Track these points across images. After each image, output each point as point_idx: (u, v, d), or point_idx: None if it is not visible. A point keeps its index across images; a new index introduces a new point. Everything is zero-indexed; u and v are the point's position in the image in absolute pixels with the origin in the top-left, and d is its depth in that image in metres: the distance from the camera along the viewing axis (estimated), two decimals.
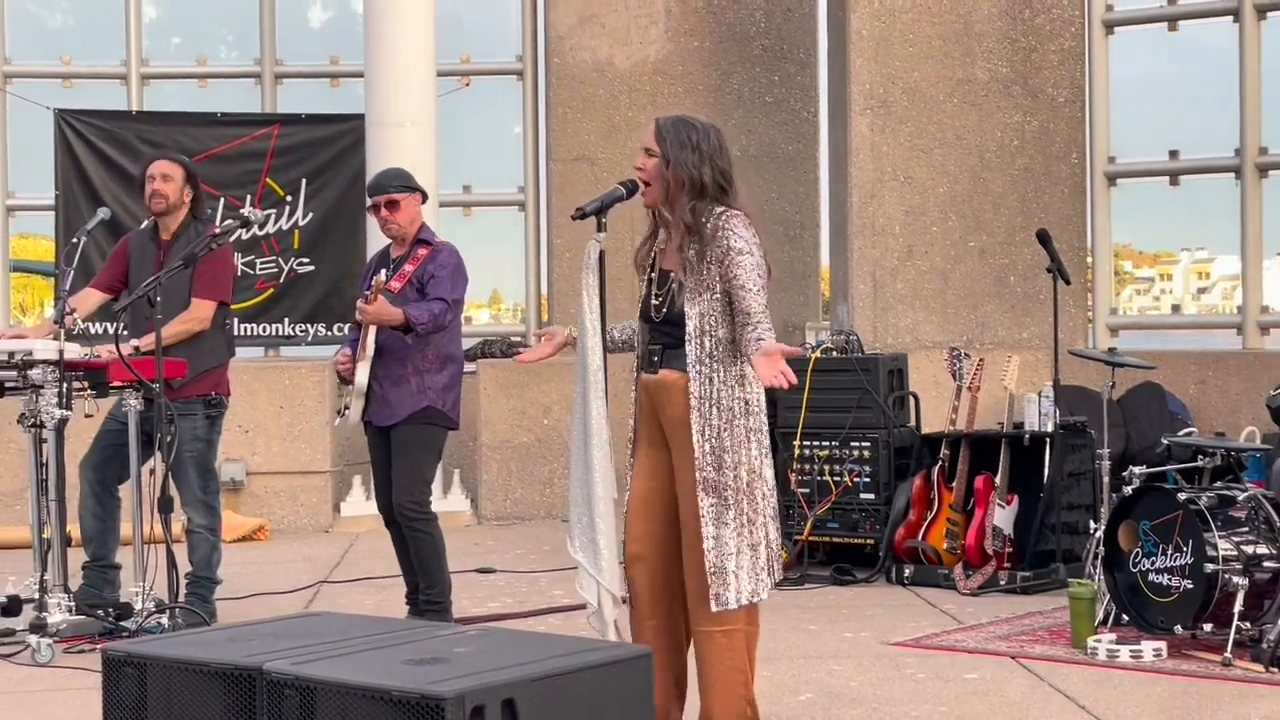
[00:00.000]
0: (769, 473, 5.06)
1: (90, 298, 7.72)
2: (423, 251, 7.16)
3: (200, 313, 7.47)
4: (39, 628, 6.84)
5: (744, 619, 5.02)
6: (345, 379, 7.11)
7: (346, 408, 7.10)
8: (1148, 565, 6.63)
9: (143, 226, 7.72)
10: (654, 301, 5.09)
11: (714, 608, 4.94)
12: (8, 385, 7.11)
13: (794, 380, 4.73)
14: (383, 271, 7.04)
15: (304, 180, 12.27)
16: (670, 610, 5.17)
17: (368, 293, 6.92)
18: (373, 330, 7.00)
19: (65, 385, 6.94)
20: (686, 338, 4.97)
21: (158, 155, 8.00)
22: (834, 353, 9.07)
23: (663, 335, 5.09)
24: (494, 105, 12.95)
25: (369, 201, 7.29)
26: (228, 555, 7.86)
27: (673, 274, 5.05)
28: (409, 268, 7.11)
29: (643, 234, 5.23)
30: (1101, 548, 6.85)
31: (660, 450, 5.13)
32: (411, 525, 7.05)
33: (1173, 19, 11.24)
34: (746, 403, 4.98)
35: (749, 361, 4.89)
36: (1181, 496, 6.55)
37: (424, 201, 7.34)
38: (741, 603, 4.95)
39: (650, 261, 5.17)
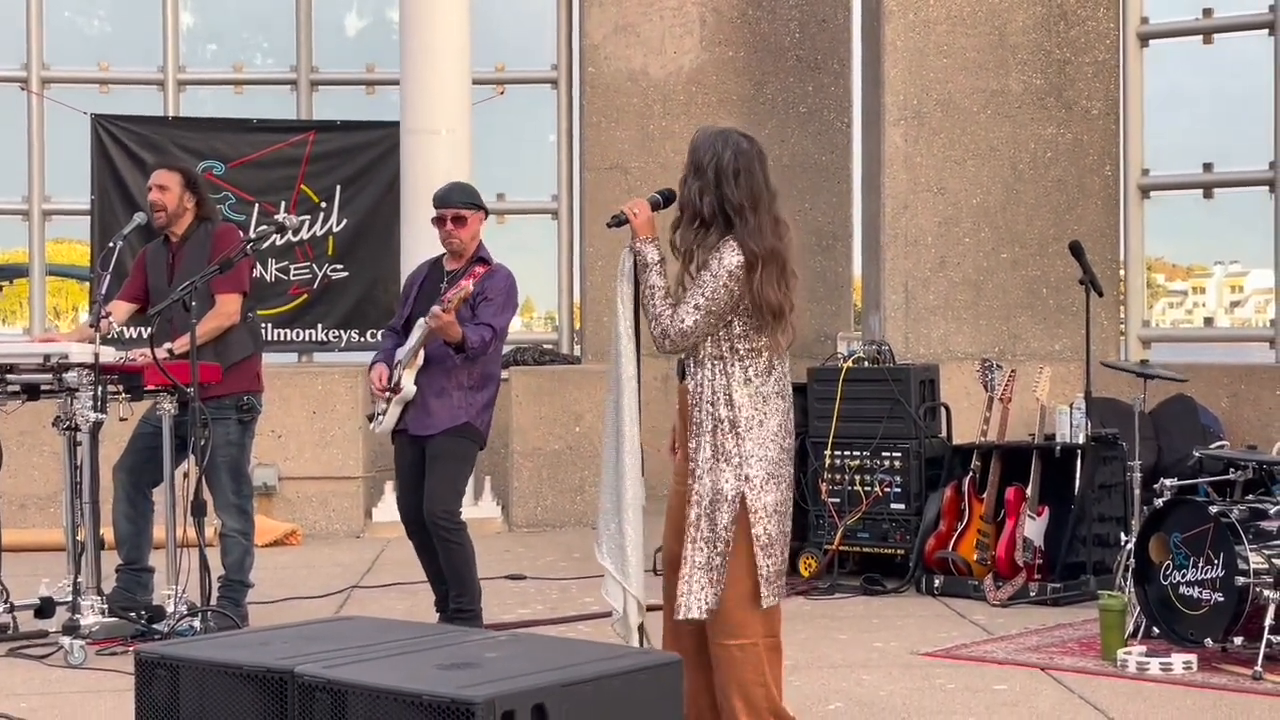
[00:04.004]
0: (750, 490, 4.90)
1: (119, 309, 7.73)
2: (479, 269, 7.16)
3: (227, 308, 7.48)
4: (72, 629, 6.87)
5: (761, 631, 4.91)
6: (379, 397, 7.14)
7: (382, 413, 7.13)
8: (1178, 578, 6.61)
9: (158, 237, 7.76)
10: None
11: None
12: (43, 388, 7.14)
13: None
14: (470, 283, 6.95)
15: (339, 187, 12.33)
16: None
17: (445, 300, 6.89)
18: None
19: (100, 388, 6.96)
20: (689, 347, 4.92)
21: (162, 164, 8.03)
22: (866, 363, 9.07)
23: None
24: (528, 114, 12.99)
25: (434, 214, 7.30)
26: (259, 560, 7.88)
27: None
28: (465, 283, 7.11)
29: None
30: (1132, 560, 6.85)
31: None
32: (443, 535, 7.06)
33: (1207, 32, 11.21)
34: (733, 422, 4.86)
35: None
36: (1213, 509, 6.53)
37: (486, 218, 7.39)
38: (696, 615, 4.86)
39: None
